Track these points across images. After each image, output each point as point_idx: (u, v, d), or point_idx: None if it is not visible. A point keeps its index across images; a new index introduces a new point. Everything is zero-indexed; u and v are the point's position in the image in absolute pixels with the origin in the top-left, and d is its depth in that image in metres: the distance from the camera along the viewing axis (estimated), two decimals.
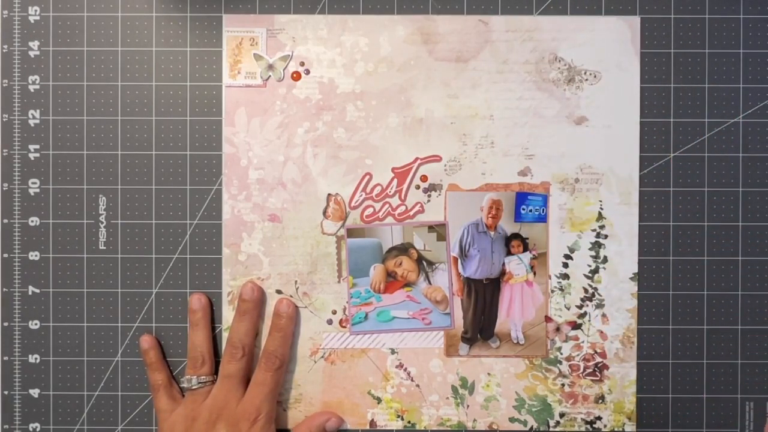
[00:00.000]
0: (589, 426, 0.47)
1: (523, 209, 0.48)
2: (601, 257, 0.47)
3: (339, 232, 0.48)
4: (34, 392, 0.48)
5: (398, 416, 0.48)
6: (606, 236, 0.48)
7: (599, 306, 0.48)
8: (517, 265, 0.48)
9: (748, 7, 0.48)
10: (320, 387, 0.48)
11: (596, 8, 0.48)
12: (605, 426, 0.47)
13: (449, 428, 0.48)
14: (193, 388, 0.46)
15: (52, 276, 0.48)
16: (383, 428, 0.48)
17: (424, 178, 0.48)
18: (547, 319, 0.48)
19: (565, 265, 0.48)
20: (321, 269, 0.48)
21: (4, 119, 0.48)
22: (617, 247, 0.48)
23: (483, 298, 0.48)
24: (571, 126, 0.47)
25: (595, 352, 0.48)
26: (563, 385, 0.48)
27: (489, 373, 0.48)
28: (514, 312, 0.48)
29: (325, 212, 0.48)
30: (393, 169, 0.48)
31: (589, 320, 0.48)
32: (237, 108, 0.48)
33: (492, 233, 0.48)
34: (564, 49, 0.48)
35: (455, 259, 0.48)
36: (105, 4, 0.48)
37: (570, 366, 0.48)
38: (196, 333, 0.47)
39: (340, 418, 0.47)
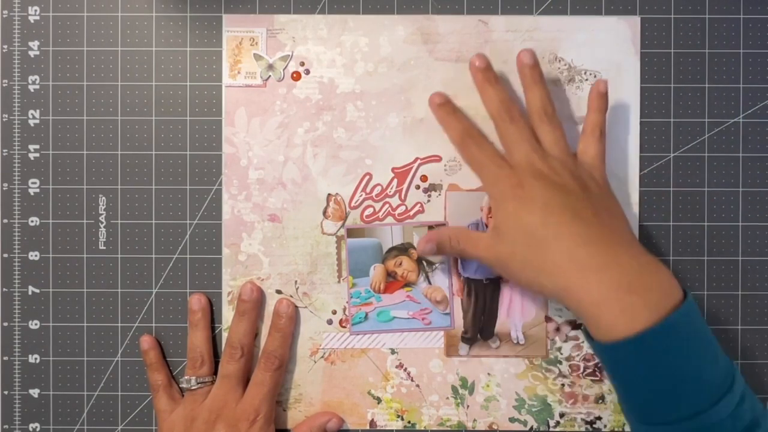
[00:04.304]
0: (589, 426, 0.47)
1: None
2: None
3: (339, 232, 0.48)
4: (34, 392, 0.48)
5: (398, 416, 0.48)
6: None
7: None
8: None
9: (748, 7, 0.48)
10: (320, 387, 0.48)
11: (596, 8, 0.48)
12: (605, 426, 0.47)
13: (449, 428, 0.48)
14: (193, 388, 0.46)
15: (52, 276, 0.48)
16: (383, 428, 0.48)
17: (424, 178, 0.48)
18: (547, 319, 0.48)
19: None
20: (321, 269, 0.48)
21: (4, 119, 0.48)
22: None
23: (483, 298, 0.48)
24: (571, 126, 0.47)
25: None
26: (563, 385, 0.48)
27: (489, 373, 0.48)
28: (514, 312, 0.48)
29: (325, 212, 0.48)
30: (393, 169, 0.48)
31: None
32: (237, 108, 0.48)
33: None
34: (564, 49, 0.48)
35: (455, 259, 0.48)
36: (105, 4, 0.48)
37: (570, 366, 0.48)
38: (195, 333, 0.47)
39: (341, 419, 0.47)
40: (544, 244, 0.39)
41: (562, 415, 0.47)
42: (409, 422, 0.48)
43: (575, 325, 0.48)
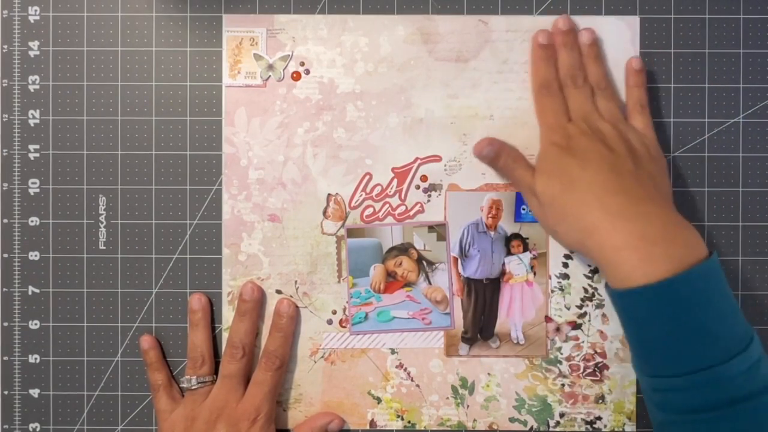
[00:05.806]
0: (589, 426, 0.47)
1: (523, 209, 0.48)
2: None
3: (339, 232, 0.48)
4: (34, 392, 0.48)
5: (398, 416, 0.48)
6: None
7: (599, 306, 0.48)
8: (517, 265, 0.48)
9: (748, 7, 0.48)
10: (320, 387, 0.48)
11: (596, 8, 0.48)
12: (605, 426, 0.47)
13: (449, 428, 0.48)
14: (193, 388, 0.46)
15: (52, 276, 0.48)
16: (383, 428, 0.48)
17: (424, 178, 0.48)
18: (547, 319, 0.48)
19: (565, 265, 0.48)
20: (321, 269, 0.48)
21: (4, 119, 0.48)
22: None
23: (483, 298, 0.48)
24: None
25: (595, 352, 0.48)
26: (563, 385, 0.48)
27: (489, 373, 0.48)
28: (514, 312, 0.48)
29: (325, 212, 0.48)
30: (393, 169, 0.48)
31: (589, 320, 0.48)
32: (237, 108, 0.48)
33: (492, 233, 0.48)
34: None
35: (455, 259, 0.48)
36: (105, 4, 0.48)
37: (570, 366, 0.48)
38: (195, 333, 0.47)
39: (342, 420, 0.47)
40: (576, 186, 0.41)
41: (562, 415, 0.48)
42: (409, 422, 0.48)
43: (575, 325, 0.48)
